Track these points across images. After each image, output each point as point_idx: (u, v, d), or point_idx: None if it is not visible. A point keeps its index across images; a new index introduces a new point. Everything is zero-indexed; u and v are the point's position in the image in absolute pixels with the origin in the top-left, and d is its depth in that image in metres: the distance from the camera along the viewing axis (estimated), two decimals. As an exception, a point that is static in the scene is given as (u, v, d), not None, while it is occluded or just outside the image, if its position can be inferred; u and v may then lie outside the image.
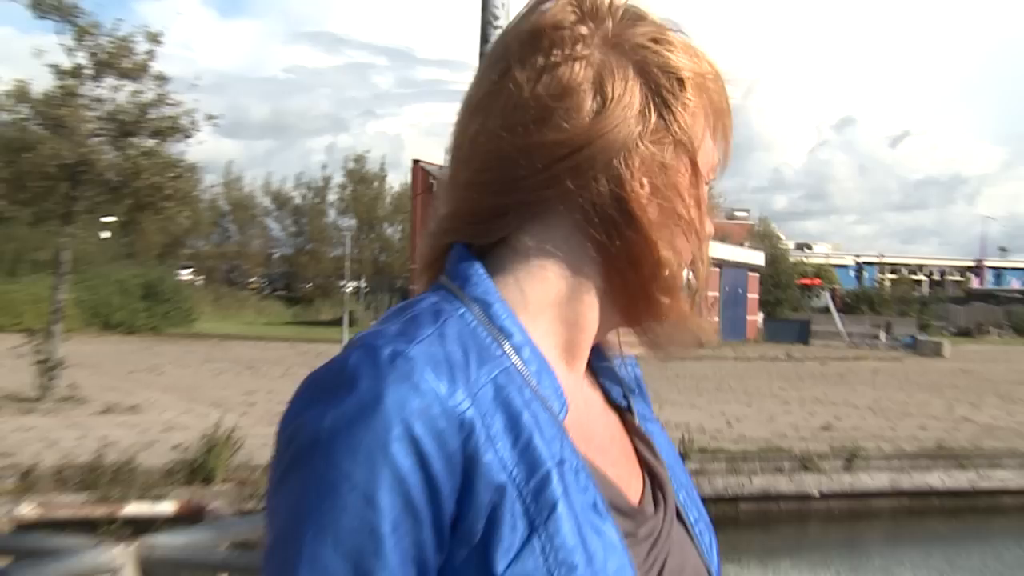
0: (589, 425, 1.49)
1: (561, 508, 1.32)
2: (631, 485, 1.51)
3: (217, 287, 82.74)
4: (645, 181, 1.42)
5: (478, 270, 1.46)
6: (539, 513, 1.30)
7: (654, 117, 1.43)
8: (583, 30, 1.43)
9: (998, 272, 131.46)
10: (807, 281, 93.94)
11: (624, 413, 1.62)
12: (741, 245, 69.62)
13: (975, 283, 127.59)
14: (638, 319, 1.53)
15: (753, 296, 69.87)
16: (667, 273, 1.45)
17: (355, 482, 1.26)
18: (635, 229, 1.43)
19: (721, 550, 1.62)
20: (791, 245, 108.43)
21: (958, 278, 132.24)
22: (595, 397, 1.57)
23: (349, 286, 78.02)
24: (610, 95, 1.41)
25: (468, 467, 1.30)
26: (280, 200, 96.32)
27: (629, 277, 1.46)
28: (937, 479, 24.39)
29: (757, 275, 70.95)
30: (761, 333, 68.78)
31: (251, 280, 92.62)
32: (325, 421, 1.29)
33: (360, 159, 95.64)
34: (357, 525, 1.26)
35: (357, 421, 1.27)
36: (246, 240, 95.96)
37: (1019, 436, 27.58)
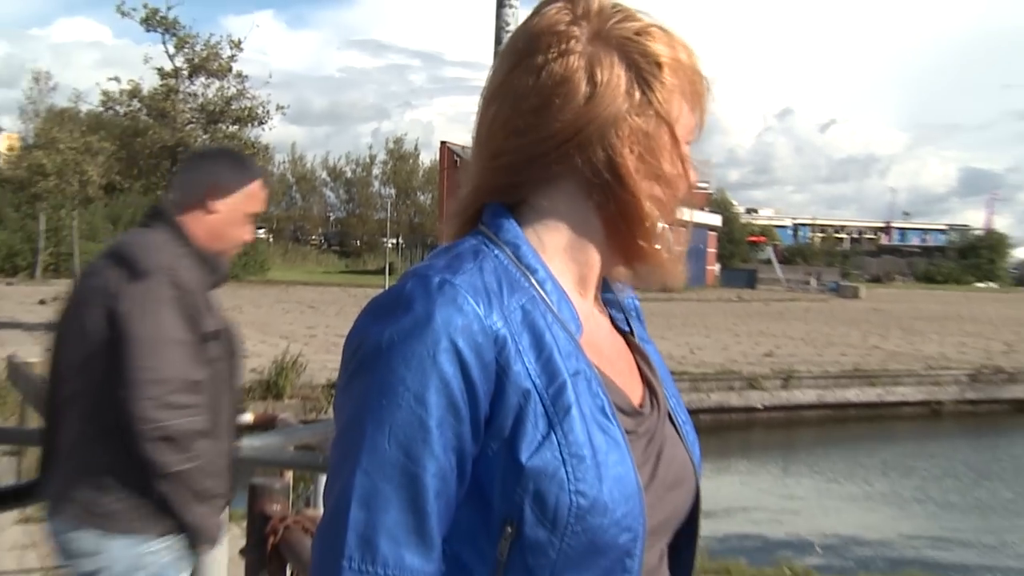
0: (599, 343, 1.49)
1: (574, 411, 1.33)
2: (634, 391, 1.51)
3: (285, 243, 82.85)
4: (633, 148, 1.43)
5: (510, 221, 1.47)
6: (557, 414, 1.32)
7: (638, 95, 1.43)
8: (575, 30, 1.43)
9: (902, 232, 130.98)
10: (754, 238, 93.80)
11: (627, 335, 1.62)
12: (702, 210, 69.47)
13: (884, 240, 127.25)
14: (629, 260, 1.53)
15: (712, 250, 69.81)
16: (648, 224, 1.46)
17: (408, 385, 1.28)
18: (625, 188, 1.43)
19: None
20: (742, 210, 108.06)
21: (871, 236, 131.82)
22: (604, 321, 1.58)
23: (390, 242, 78.35)
24: (600, 80, 1.41)
25: (501, 375, 1.32)
26: (335, 174, 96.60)
27: (621, 226, 1.47)
28: (853, 394, 24.45)
29: (715, 234, 70.91)
30: (718, 280, 68.81)
31: (312, 238, 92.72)
32: (385, 335, 1.31)
33: (399, 141, 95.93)
34: (409, 419, 1.28)
35: (411, 335, 1.30)
36: (308, 206, 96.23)
37: (916, 360, 27.65)
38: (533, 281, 1.42)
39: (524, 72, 1.44)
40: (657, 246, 1.48)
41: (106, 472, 3.24)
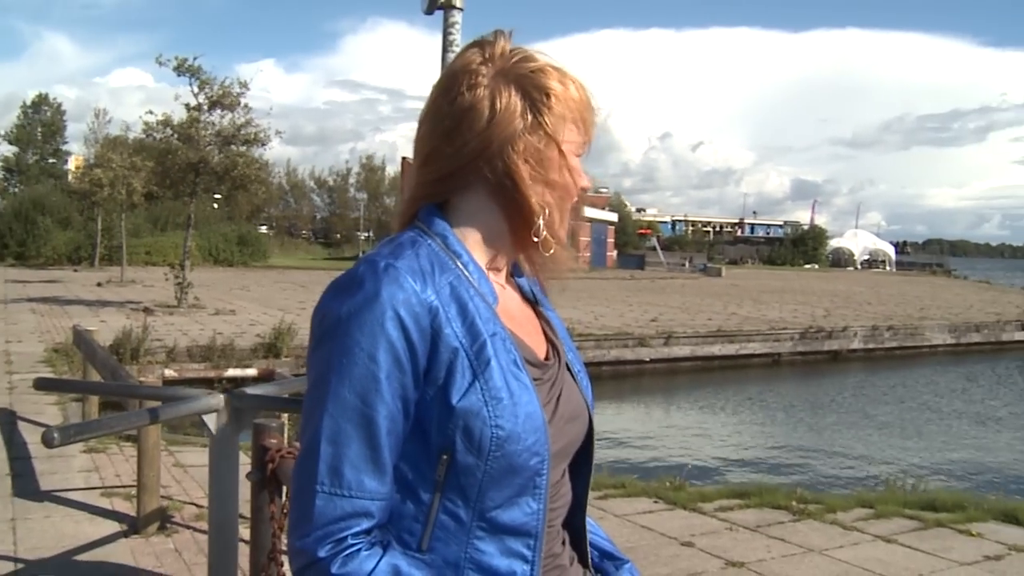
0: (511, 310, 1.53)
1: (493, 363, 1.38)
2: (539, 347, 1.55)
3: (282, 237, 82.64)
4: (527, 160, 1.46)
5: (439, 217, 1.50)
6: (479, 366, 1.37)
7: (530, 118, 1.46)
8: (483, 68, 1.47)
9: (752, 226, 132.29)
10: (642, 231, 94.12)
11: (534, 305, 1.64)
12: (603, 209, 69.73)
13: (739, 233, 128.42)
14: (526, 250, 1.55)
15: (611, 240, 70.00)
16: (538, 221, 1.48)
17: (363, 347, 1.34)
18: (519, 192, 1.46)
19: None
20: (633, 209, 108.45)
21: (730, 230, 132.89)
22: (515, 294, 1.60)
23: (363, 235, 79.39)
24: (499, 107, 1.44)
25: (435, 337, 1.37)
26: (320, 183, 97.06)
27: (518, 223, 1.49)
28: (717, 349, 24.60)
29: (613, 227, 71.07)
30: (615, 263, 68.92)
31: (303, 232, 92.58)
32: (343, 308, 1.36)
33: (370, 157, 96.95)
34: (364, 374, 1.34)
35: (364, 308, 1.35)
36: (299, 208, 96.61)
37: (762, 323, 27.88)
38: (458, 264, 1.46)
39: (444, 101, 1.48)
40: (540, 238, 1.50)
41: None
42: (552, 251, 1.53)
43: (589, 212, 60.45)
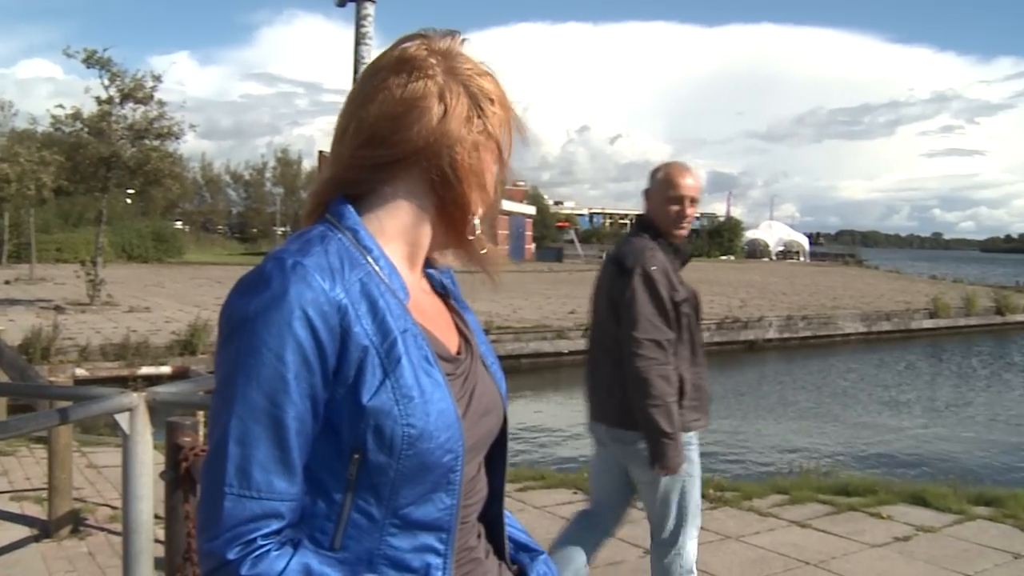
0: (423, 306, 1.52)
1: (404, 361, 1.37)
2: (451, 342, 1.55)
3: (197, 232, 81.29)
4: (470, 158, 1.47)
5: (350, 210, 1.47)
6: (390, 364, 1.36)
7: (476, 119, 1.48)
8: (432, 61, 1.47)
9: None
10: (560, 224, 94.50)
11: (446, 299, 1.65)
12: (521, 202, 69.89)
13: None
14: (455, 243, 1.56)
15: (529, 233, 70.17)
16: (472, 216, 1.51)
17: (271, 346, 1.31)
18: (460, 186, 1.47)
19: (509, 389, 1.67)
20: (551, 202, 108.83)
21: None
22: (427, 289, 1.60)
23: (280, 230, 78.71)
24: (449, 104, 1.45)
25: (344, 336, 1.35)
26: (236, 177, 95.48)
27: (454, 216, 1.50)
28: (635, 341, 24.84)
29: (531, 220, 71.27)
30: (534, 255, 69.15)
31: (219, 227, 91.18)
32: (250, 307, 1.33)
33: (285, 151, 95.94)
34: (272, 374, 1.31)
35: (271, 307, 1.32)
36: (215, 203, 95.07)
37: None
38: (369, 259, 1.43)
39: (392, 87, 1.46)
40: (475, 235, 1.54)
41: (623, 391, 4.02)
42: (486, 250, 1.56)
43: (507, 205, 60.78)
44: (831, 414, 18.43)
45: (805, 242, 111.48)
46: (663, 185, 4.31)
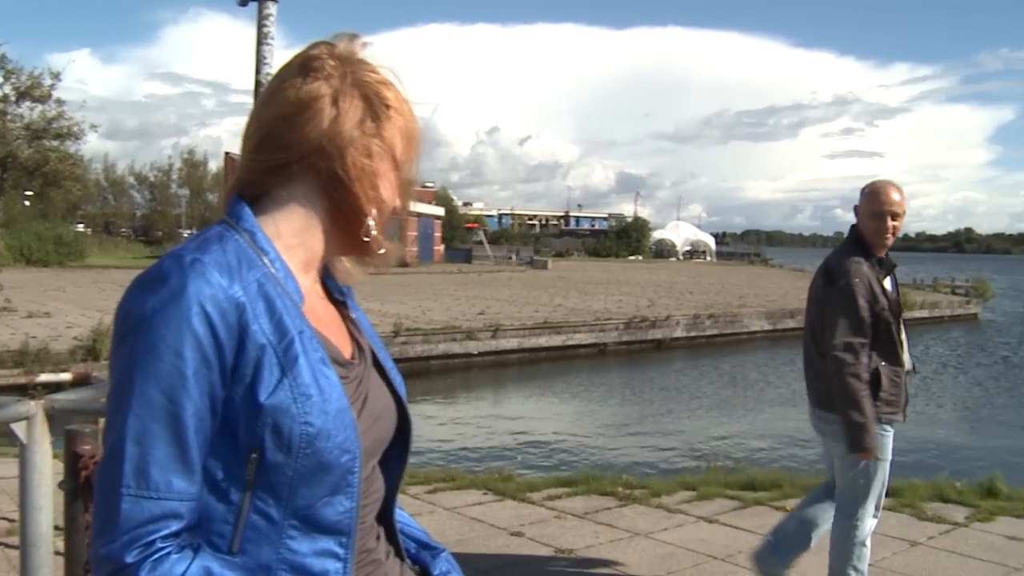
0: (317, 310, 1.51)
1: (302, 360, 1.37)
2: (345, 347, 1.54)
3: (100, 235, 79.26)
4: (362, 160, 1.46)
5: (247, 211, 1.46)
6: (288, 363, 1.35)
7: (369, 123, 1.47)
8: (330, 65, 1.47)
9: (577, 219, 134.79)
10: (469, 225, 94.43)
11: (341, 306, 1.63)
12: (430, 203, 69.69)
13: (564, 225, 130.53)
14: (349, 247, 1.55)
15: (438, 234, 69.99)
16: (365, 219, 1.49)
17: (169, 343, 1.29)
18: (352, 189, 1.46)
19: (420, 391, 1.68)
20: (460, 203, 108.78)
21: (555, 222, 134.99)
22: (321, 294, 1.58)
23: (186, 232, 77.12)
24: (342, 107, 1.45)
25: (242, 333, 1.34)
26: (140, 179, 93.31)
27: (348, 218, 1.49)
28: (544, 340, 24.97)
29: (440, 222, 71.10)
30: (443, 257, 69.04)
31: (122, 230, 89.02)
32: (148, 304, 1.31)
33: (192, 152, 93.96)
34: (170, 371, 1.29)
35: (169, 303, 1.30)
36: (119, 205, 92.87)
37: (588, 313, 28.44)
38: (265, 261, 1.42)
39: (288, 88, 1.46)
40: (370, 237, 1.51)
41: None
42: (381, 251, 1.54)
43: (416, 207, 60.46)
44: (738, 411, 18.77)
45: (712, 242, 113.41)
46: (869, 200, 4.79)
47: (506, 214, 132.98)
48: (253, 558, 1.36)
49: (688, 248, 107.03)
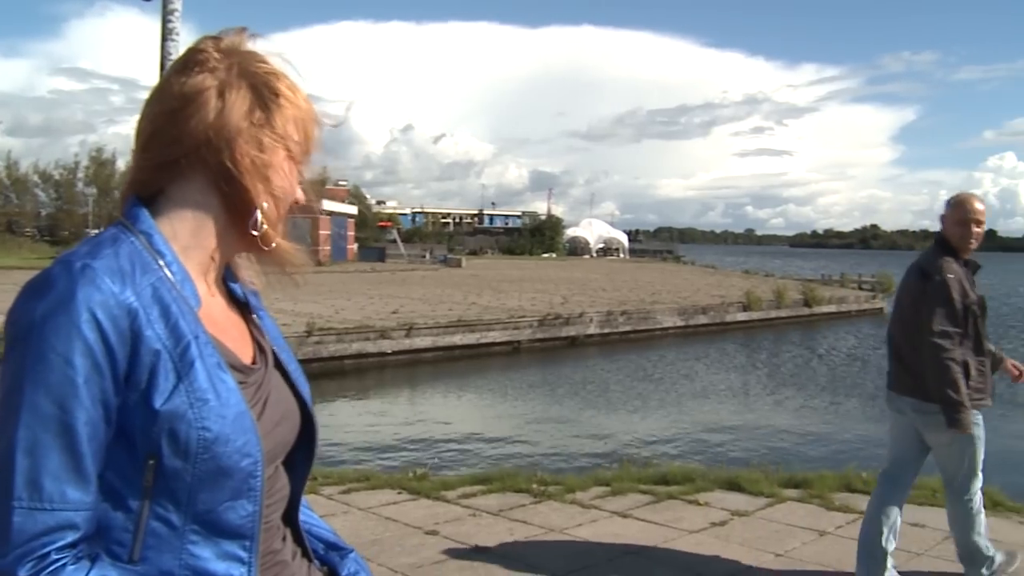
0: (215, 315, 1.48)
1: (198, 365, 1.34)
2: (244, 352, 1.52)
3: (3, 235, 77.29)
4: (252, 152, 1.44)
5: (144, 213, 1.43)
6: (183, 368, 1.33)
7: (259, 114, 1.44)
8: (216, 58, 1.44)
9: (491, 217, 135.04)
10: (383, 224, 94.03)
11: (243, 308, 1.60)
12: (343, 202, 69.13)
13: (478, 224, 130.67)
14: (246, 245, 1.51)
15: (351, 233, 69.50)
16: (259, 214, 1.45)
17: (59, 351, 1.26)
18: (242, 182, 1.43)
19: (334, 391, 1.66)
20: (373, 202, 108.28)
21: (469, 221, 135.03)
22: (221, 298, 1.55)
23: (93, 232, 75.20)
24: (229, 99, 1.42)
25: (135, 339, 1.31)
26: (45, 177, 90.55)
27: (240, 211, 1.45)
28: (459, 339, 24.97)
29: (353, 220, 70.63)
30: (356, 256, 68.56)
31: (26, 230, 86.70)
32: (37, 311, 1.28)
33: (99, 150, 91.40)
34: (61, 379, 1.26)
35: (58, 310, 1.27)
36: (22, 204, 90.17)
37: (502, 311, 28.52)
38: (161, 264, 1.39)
39: (173, 84, 1.44)
40: (259, 231, 1.47)
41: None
42: (273, 245, 1.50)
43: (329, 205, 60.07)
44: (650, 406, 18.98)
45: (624, 239, 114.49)
46: (956, 210, 5.33)
47: (420, 212, 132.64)
48: (154, 566, 1.33)
49: (601, 246, 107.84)
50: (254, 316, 1.62)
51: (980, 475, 5.37)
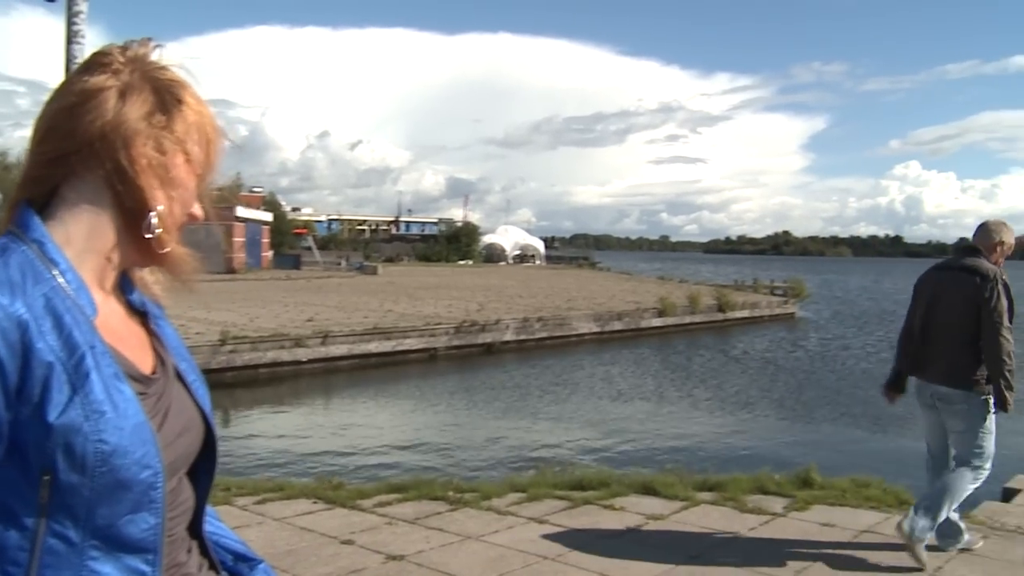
0: (112, 324, 1.44)
1: (94, 376, 1.31)
2: (144, 361, 1.47)
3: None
4: (150, 153, 1.41)
5: (35, 219, 1.39)
6: (78, 380, 1.29)
7: (160, 117, 1.42)
8: (121, 61, 1.43)
9: (408, 224, 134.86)
10: (298, 231, 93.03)
11: (143, 317, 1.56)
12: (258, 209, 68.32)
13: (395, 230, 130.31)
14: (142, 251, 1.46)
15: (266, 240, 68.64)
16: (153, 217, 1.42)
17: None
18: (137, 182, 1.40)
19: (248, 400, 1.62)
20: (289, 208, 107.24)
21: (385, 228, 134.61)
22: (119, 307, 1.51)
23: None
24: (130, 100, 1.40)
25: (26, 352, 1.27)
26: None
27: (134, 213, 1.41)
28: (375, 346, 24.82)
29: (268, 227, 69.84)
30: (271, 263, 67.80)
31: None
32: None
33: (5, 154, 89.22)
34: None
35: None
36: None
37: (418, 319, 28.37)
38: (55, 273, 1.35)
39: (75, 83, 1.42)
40: (153, 234, 1.43)
41: (970, 364, 6.03)
42: (167, 249, 1.46)
43: (243, 212, 59.27)
44: (566, 412, 19.06)
45: (541, 246, 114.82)
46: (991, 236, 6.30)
47: (336, 219, 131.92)
48: None
49: (518, 252, 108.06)
50: (153, 325, 1.58)
51: (991, 458, 6.13)
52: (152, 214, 1.42)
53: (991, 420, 6.08)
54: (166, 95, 1.44)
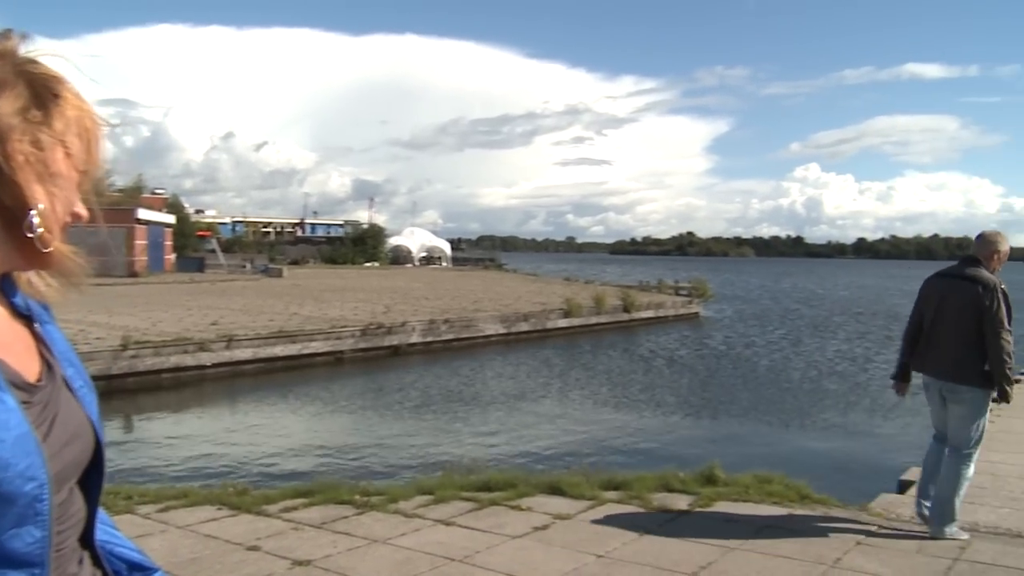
0: None
1: None
2: (29, 368, 1.41)
3: None
4: (27, 148, 1.33)
5: None
6: None
7: (36, 112, 1.34)
8: None
9: (313, 226, 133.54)
10: (202, 233, 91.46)
11: (29, 322, 1.49)
12: (160, 211, 67.01)
13: (300, 233, 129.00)
14: (25, 252, 1.39)
15: (168, 243, 67.34)
16: (34, 215, 1.34)
17: None
18: (14, 179, 1.32)
19: (151, 406, 1.58)
20: (192, 211, 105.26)
21: (291, 230, 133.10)
22: (2, 310, 1.44)
23: None
24: (2, 96, 1.32)
25: None
26: None
27: (13, 212, 1.34)
28: (280, 350, 24.57)
29: (171, 230, 68.53)
30: (174, 266, 66.55)
31: None
32: None
33: None
34: None
35: None
36: None
37: (324, 321, 28.16)
38: None
39: None
40: (34, 234, 1.36)
41: (973, 361, 6.82)
42: (51, 248, 1.39)
43: (145, 215, 58.06)
44: (473, 413, 19.10)
45: (447, 248, 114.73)
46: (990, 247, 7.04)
47: (240, 222, 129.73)
48: None
49: (424, 254, 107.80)
50: (37, 328, 1.53)
51: (981, 444, 6.97)
52: (33, 212, 1.35)
53: (987, 411, 6.97)
54: (41, 89, 1.37)
